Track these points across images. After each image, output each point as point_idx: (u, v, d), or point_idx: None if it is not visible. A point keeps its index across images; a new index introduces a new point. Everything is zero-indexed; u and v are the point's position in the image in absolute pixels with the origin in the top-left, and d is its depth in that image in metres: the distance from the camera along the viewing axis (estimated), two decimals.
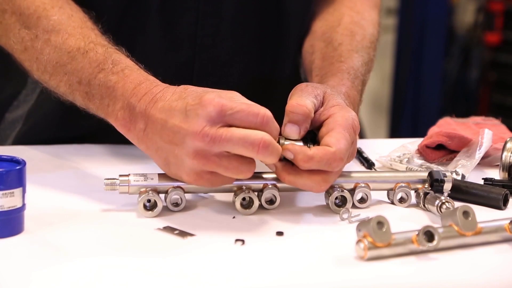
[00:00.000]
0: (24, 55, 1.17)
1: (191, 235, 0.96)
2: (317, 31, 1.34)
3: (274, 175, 1.05)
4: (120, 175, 1.03)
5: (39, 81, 1.17)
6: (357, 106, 1.17)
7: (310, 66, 1.30)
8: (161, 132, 0.99)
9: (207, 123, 0.95)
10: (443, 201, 1.03)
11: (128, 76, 1.05)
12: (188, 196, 1.05)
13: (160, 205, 1.02)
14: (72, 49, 1.11)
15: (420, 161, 1.26)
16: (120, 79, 1.05)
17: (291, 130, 1.02)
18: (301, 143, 1.02)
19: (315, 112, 1.04)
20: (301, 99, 1.03)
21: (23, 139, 1.35)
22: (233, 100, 0.97)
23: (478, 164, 1.22)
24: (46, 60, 1.13)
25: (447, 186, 1.08)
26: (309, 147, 1.01)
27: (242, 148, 0.95)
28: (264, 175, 1.05)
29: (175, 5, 1.27)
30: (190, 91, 1.00)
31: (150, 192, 1.02)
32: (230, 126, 0.96)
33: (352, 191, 1.06)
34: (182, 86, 1.02)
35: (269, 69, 1.37)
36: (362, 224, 0.91)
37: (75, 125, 1.34)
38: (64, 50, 1.11)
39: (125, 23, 1.27)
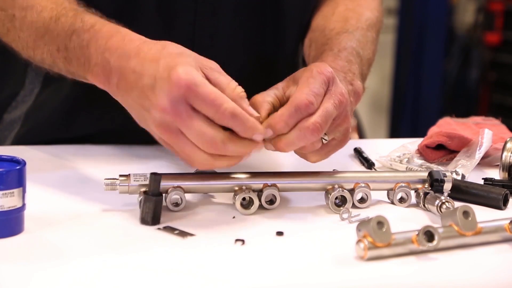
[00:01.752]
0: (8, 37, 1.18)
1: (191, 235, 0.96)
2: (313, 24, 1.34)
3: (274, 175, 1.05)
4: (120, 175, 1.03)
5: (29, 60, 1.18)
6: (350, 73, 1.14)
7: (308, 60, 1.30)
8: (131, 92, 0.99)
9: (171, 101, 0.94)
10: (443, 201, 1.03)
11: (99, 30, 1.05)
12: (188, 196, 1.05)
13: None
14: (46, 19, 1.11)
15: (420, 161, 1.26)
16: (92, 36, 1.05)
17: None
18: None
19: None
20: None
21: (21, 141, 1.35)
22: (205, 81, 0.94)
23: (478, 164, 1.22)
24: (26, 36, 1.14)
25: (447, 186, 1.08)
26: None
27: (199, 143, 0.95)
28: (264, 175, 1.05)
29: (173, 5, 1.27)
30: (167, 53, 0.98)
31: None
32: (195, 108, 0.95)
33: (352, 191, 1.06)
34: (161, 44, 1.00)
35: (268, 68, 1.37)
36: (362, 224, 0.91)
37: (74, 127, 1.33)
38: (39, 23, 1.12)
39: (122, 23, 1.26)
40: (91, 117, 1.21)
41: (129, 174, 1.03)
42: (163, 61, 0.97)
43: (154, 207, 0.98)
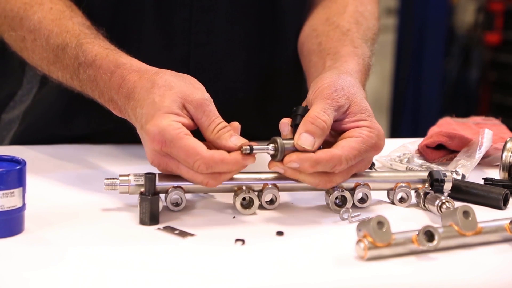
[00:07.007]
0: (23, 54, 1.21)
1: (191, 235, 0.96)
2: (320, 17, 1.33)
3: (274, 175, 1.05)
4: (120, 175, 1.03)
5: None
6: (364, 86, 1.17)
7: (314, 47, 1.28)
8: (137, 129, 1.04)
9: (152, 154, 1.00)
10: (443, 201, 1.03)
11: (100, 67, 1.08)
12: (188, 196, 1.05)
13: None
14: (54, 46, 1.14)
15: (420, 161, 1.26)
16: (96, 72, 1.08)
17: (307, 140, 1.01)
18: (290, 140, 1.01)
19: (337, 120, 1.05)
20: (323, 113, 1.02)
21: (19, 139, 1.35)
22: (176, 137, 0.97)
23: (478, 164, 1.22)
24: (39, 59, 1.18)
25: (447, 186, 1.08)
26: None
27: (194, 182, 1.00)
28: (264, 175, 1.05)
29: (169, 1, 1.27)
30: (151, 98, 1.01)
31: None
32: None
33: (352, 191, 1.06)
34: (152, 81, 1.03)
35: (266, 64, 1.36)
36: (362, 224, 0.91)
37: (71, 124, 1.33)
38: (49, 49, 1.15)
39: (119, 21, 1.27)
40: (88, 115, 1.21)
41: (129, 174, 1.03)
42: (146, 110, 1.01)
43: (150, 206, 0.98)
